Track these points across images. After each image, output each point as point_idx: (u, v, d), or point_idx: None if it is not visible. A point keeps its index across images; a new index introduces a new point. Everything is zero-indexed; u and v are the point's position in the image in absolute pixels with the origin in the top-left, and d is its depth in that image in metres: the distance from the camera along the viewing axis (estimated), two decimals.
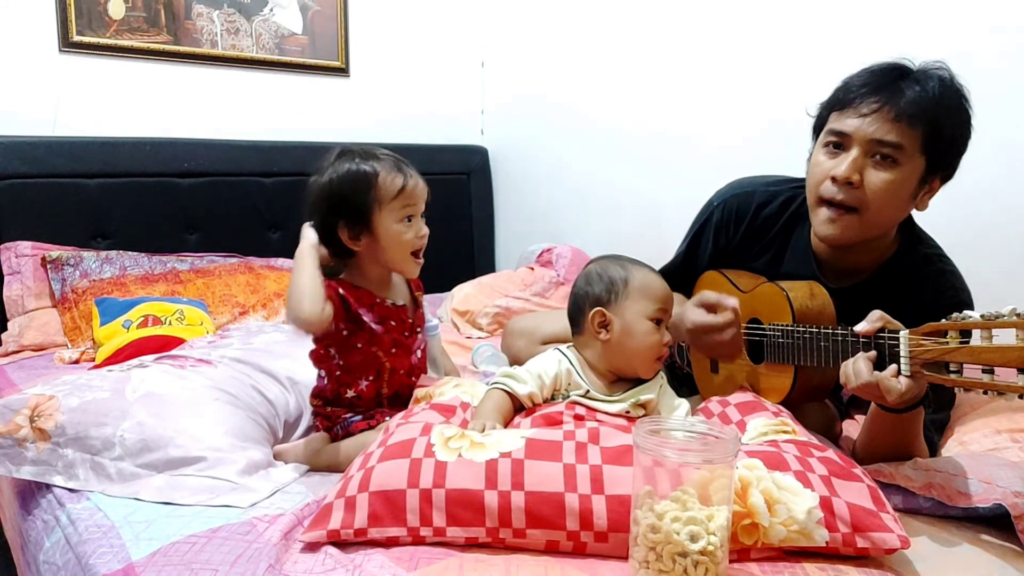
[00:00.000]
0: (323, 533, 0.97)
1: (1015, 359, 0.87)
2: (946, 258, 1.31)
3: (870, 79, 1.21)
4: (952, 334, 0.95)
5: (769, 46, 2.12)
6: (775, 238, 1.42)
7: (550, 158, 2.87)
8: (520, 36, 2.92)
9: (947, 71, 1.20)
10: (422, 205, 1.31)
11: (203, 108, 2.45)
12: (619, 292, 1.19)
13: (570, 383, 1.19)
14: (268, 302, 2.12)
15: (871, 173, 1.19)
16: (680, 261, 1.57)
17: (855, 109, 1.20)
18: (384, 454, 1.03)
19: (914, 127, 1.16)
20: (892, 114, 1.16)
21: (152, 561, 0.95)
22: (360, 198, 1.25)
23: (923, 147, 1.18)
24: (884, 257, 1.31)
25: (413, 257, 1.31)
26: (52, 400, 1.26)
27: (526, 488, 0.95)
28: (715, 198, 1.51)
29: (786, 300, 1.26)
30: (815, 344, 1.19)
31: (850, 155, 1.20)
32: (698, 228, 1.53)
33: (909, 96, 1.16)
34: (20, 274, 2.02)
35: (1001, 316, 0.89)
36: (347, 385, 1.31)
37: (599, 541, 0.94)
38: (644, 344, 1.18)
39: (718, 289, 1.42)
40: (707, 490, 0.85)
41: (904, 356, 1.01)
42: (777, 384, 1.29)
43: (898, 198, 1.20)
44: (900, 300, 1.13)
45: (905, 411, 1.12)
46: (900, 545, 0.92)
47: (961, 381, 0.94)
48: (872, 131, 1.17)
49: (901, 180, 1.18)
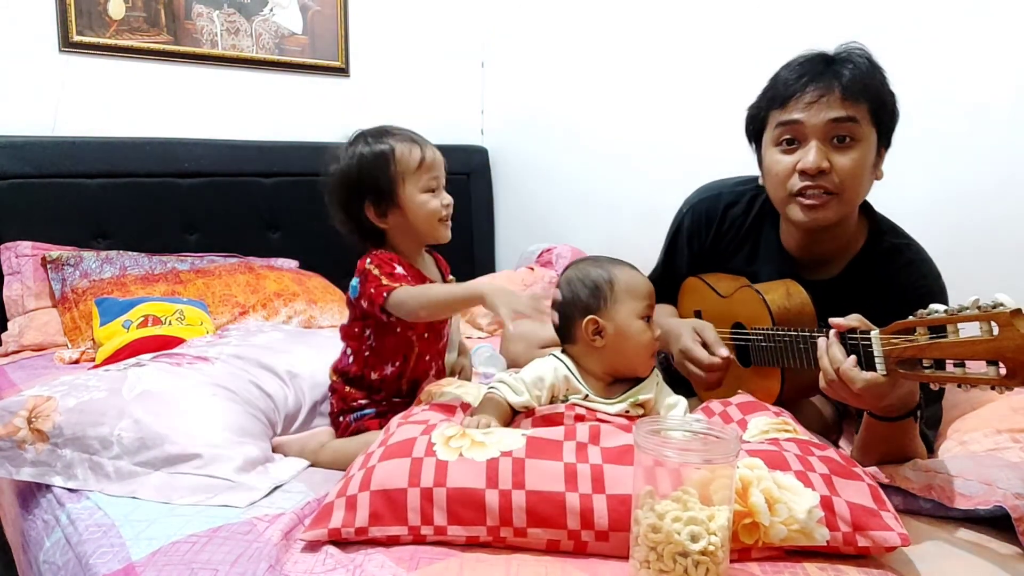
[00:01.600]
0: (324, 532, 0.97)
1: (982, 352, 0.87)
2: (915, 245, 1.32)
3: (802, 70, 1.23)
4: (920, 331, 0.95)
5: (769, 48, 2.12)
6: (746, 236, 1.44)
7: (550, 158, 2.87)
8: (520, 37, 2.92)
9: (861, 49, 1.24)
10: (443, 176, 1.34)
11: (203, 108, 2.45)
12: (607, 296, 1.18)
13: (568, 388, 1.19)
14: (268, 302, 2.12)
15: (836, 157, 1.21)
16: (660, 271, 1.59)
17: (798, 100, 1.21)
18: (385, 453, 1.03)
19: (860, 101, 1.19)
20: (839, 94, 1.19)
21: (152, 561, 0.95)
22: (382, 175, 1.28)
23: (872, 119, 1.21)
24: (853, 248, 1.32)
25: (441, 223, 1.33)
26: (50, 401, 1.26)
27: (527, 487, 0.95)
28: (684, 204, 1.54)
29: (763, 304, 1.27)
30: (795, 346, 1.19)
31: (811, 145, 1.21)
32: (672, 236, 1.55)
33: (847, 75, 1.19)
34: (20, 274, 2.02)
35: (965, 309, 0.89)
36: (373, 368, 1.32)
37: (600, 540, 0.94)
38: (640, 343, 1.18)
39: (700, 296, 1.45)
40: (708, 490, 0.85)
41: (878, 356, 1.01)
42: (766, 386, 1.30)
43: (864, 174, 1.23)
44: (874, 293, 1.14)
45: (896, 419, 1.12)
46: (901, 543, 0.92)
47: (935, 376, 0.94)
48: (824, 114, 1.19)
49: (863, 156, 1.21)
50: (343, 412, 1.34)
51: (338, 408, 1.35)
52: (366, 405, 1.33)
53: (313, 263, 2.42)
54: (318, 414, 1.49)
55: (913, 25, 1.82)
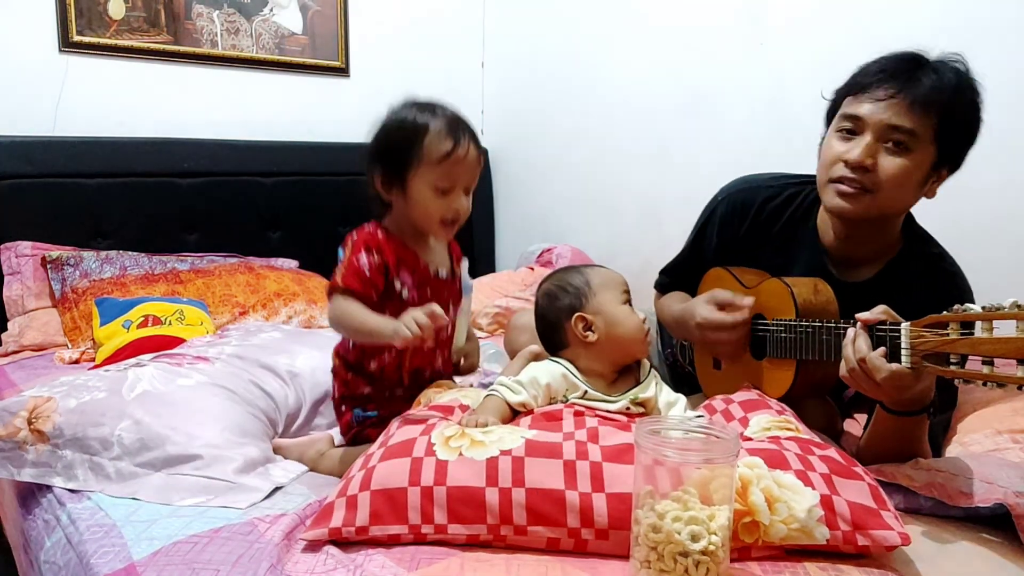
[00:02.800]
0: (324, 532, 0.97)
1: (1015, 350, 0.87)
2: (950, 258, 1.32)
3: (886, 66, 1.22)
4: (953, 326, 0.96)
5: (770, 46, 2.12)
6: (781, 231, 1.43)
7: (550, 158, 2.87)
8: (520, 37, 2.92)
9: (963, 63, 1.21)
10: (468, 178, 1.22)
11: (203, 108, 2.45)
12: (587, 293, 1.21)
13: (567, 387, 1.19)
14: (268, 302, 2.12)
15: (884, 158, 1.20)
16: (685, 256, 1.57)
17: (870, 94, 1.21)
18: (385, 454, 1.03)
19: (928, 115, 1.17)
20: (907, 101, 1.17)
21: (154, 561, 0.95)
22: (402, 151, 1.19)
23: (935, 136, 1.19)
24: (890, 253, 1.32)
25: (441, 224, 1.24)
26: (50, 402, 1.26)
27: (527, 485, 0.95)
28: (719, 193, 1.52)
29: (790, 295, 1.26)
30: (817, 337, 1.19)
31: (864, 139, 1.21)
32: (703, 223, 1.53)
33: (926, 84, 1.17)
34: (20, 274, 2.02)
35: (1002, 308, 0.89)
36: (371, 356, 1.28)
37: (600, 539, 0.94)
38: (631, 327, 1.20)
39: (724, 286, 1.43)
40: (708, 489, 0.85)
41: (905, 348, 1.01)
42: (778, 379, 1.30)
43: (909, 184, 1.22)
44: (906, 298, 1.14)
45: (909, 414, 1.12)
46: (901, 542, 0.92)
47: (962, 372, 0.95)
48: (886, 116, 1.18)
49: (912, 167, 1.20)
50: (344, 399, 1.31)
51: (340, 393, 1.32)
52: (368, 395, 1.30)
53: (313, 263, 2.43)
54: (318, 413, 1.49)
55: (913, 25, 1.82)
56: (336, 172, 2.57)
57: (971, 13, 1.74)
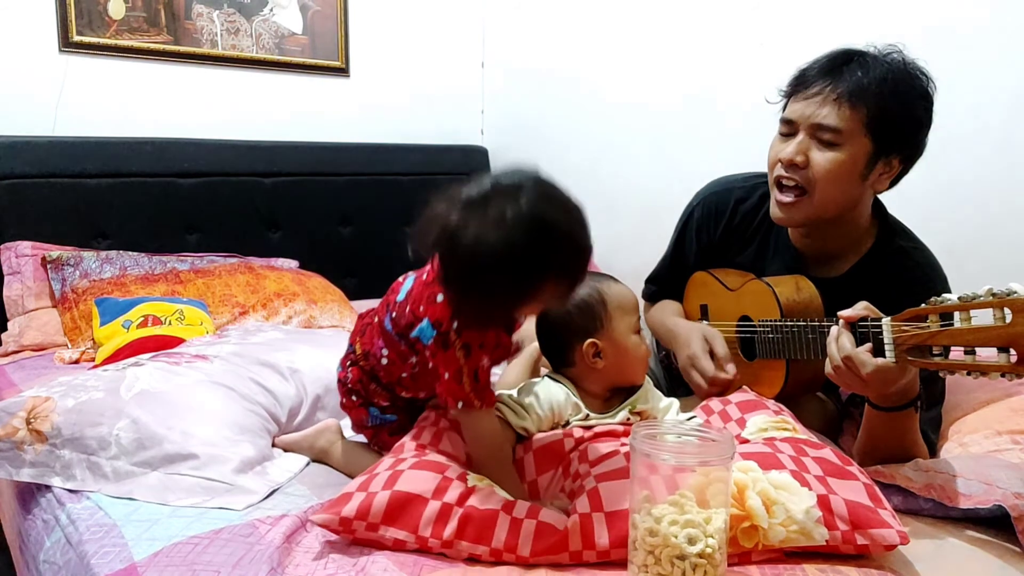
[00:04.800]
0: (336, 518, 0.96)
1: (994, 338, 0.88)
2: (923, 249, 1.33)
3: (819, 65, 1.25)
4: (932, 318, 0.96)
5: (770, 46, 2.12)
6: (756, 231, 1.45)
7: (550, 158, 2.85)
8: (520, 37, 2.92)
9: (899, 54, 1.22)
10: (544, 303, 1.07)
11: (203, 108, 2.45)
12: (602, 317, 1.16)
13: (571, 411, 1.17)
14: (268, 302, 2.12)
15: (815, 154, 1.23)
16: (668, 264, 1.60)
17: (803, 94, 1.24)
18: (418, 464, 1.03)
19: (856, 108, 1.19)
20: (833, 96, 1.20)
21: (154, 561, 0.95)
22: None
23: (867, 128, 1.20)
24: (862, 248, 1.33)
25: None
26: (48, 402, 1.26)
27: (539, 518, 0.96)
28: (695, 197, 1.54)
29: (773, 296, 1.27)
30: (803, 337, 1.21)
31: (796, 138, 1.24)
32: (681, 229, 1.56)
33: (850, 79, 1.19)
34: (20, 274, 2.02)
35: (978, 296, 0.90)
36: (405, 388, 1.19)
37: (601, 559, 0.93)
38: (638, 357, 1.19)
39: (708, 289, 1.45)
40: (704, 493, 0.85)
41: (888, 343, 1.02)
42: (770, 379, 1.31)
43: (845, 178, 1.23)
44: (880, 292, 1.15)
45: (896, 409, 1.12)
46: (900, 541, 0.92)
47: (945, 364, 0.95)
48: (811, 113, 1.22)
49: (845, 159, 1.21)
50: (354, 392, 1.24)
51: (354, 376, 1.23)
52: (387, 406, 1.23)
53: (313, 263, 2.42)
54: (320, 407, 1.49)
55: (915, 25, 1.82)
56: (336, 172, 2.57)
57: (971, 13, 1.74)
